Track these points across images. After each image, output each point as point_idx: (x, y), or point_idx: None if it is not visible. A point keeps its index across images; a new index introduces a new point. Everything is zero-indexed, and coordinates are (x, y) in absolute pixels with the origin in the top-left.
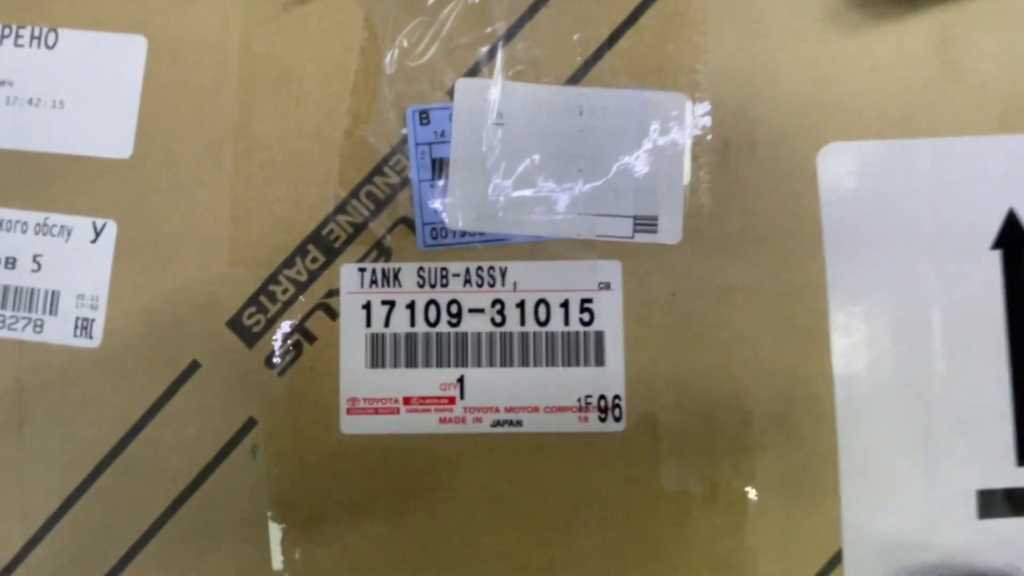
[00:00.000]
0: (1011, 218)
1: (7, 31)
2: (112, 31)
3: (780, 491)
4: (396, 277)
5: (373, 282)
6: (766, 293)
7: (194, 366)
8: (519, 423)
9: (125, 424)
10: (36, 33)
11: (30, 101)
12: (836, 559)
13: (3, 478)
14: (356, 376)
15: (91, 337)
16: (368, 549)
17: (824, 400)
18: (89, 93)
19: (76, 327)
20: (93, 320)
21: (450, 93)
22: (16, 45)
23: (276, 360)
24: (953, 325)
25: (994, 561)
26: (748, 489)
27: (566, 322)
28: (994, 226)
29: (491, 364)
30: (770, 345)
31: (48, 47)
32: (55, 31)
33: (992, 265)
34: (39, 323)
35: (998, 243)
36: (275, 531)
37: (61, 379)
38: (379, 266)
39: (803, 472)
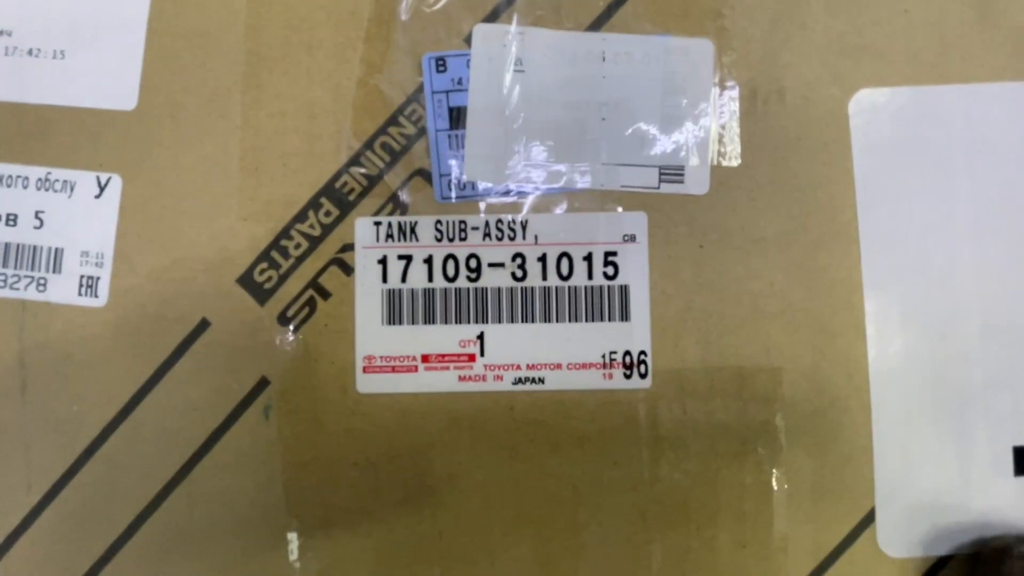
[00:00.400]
0: None
1: None
2: None
3: (811, 449)
4: (413, 231)
5: (389, 236)
6: (797, 244)
7: (203, 325)
8: (541, 380)
9: (132, 386)
10: None
11: (30, 51)
12: (869, 518)
13: (6, 443)
14: (372, 333)
15: (96, 296)
16: (385, 511)
17: (857, 356)
18: (91, 42)
19: (81, 286)
20: (98, 278)
21: (467, 40)
22: None
23: (289, 317)
24: (991, 277)
25: None
26: (778, 448)
27: (589, 276)
28: None
29: (512, 320)
30: (801, 299)
31: None
32: None
33: None
34: (42, 282)
35: None
36: (289, 494)
37: (65, 340)
38: (395, 219)
39: (835, 429)
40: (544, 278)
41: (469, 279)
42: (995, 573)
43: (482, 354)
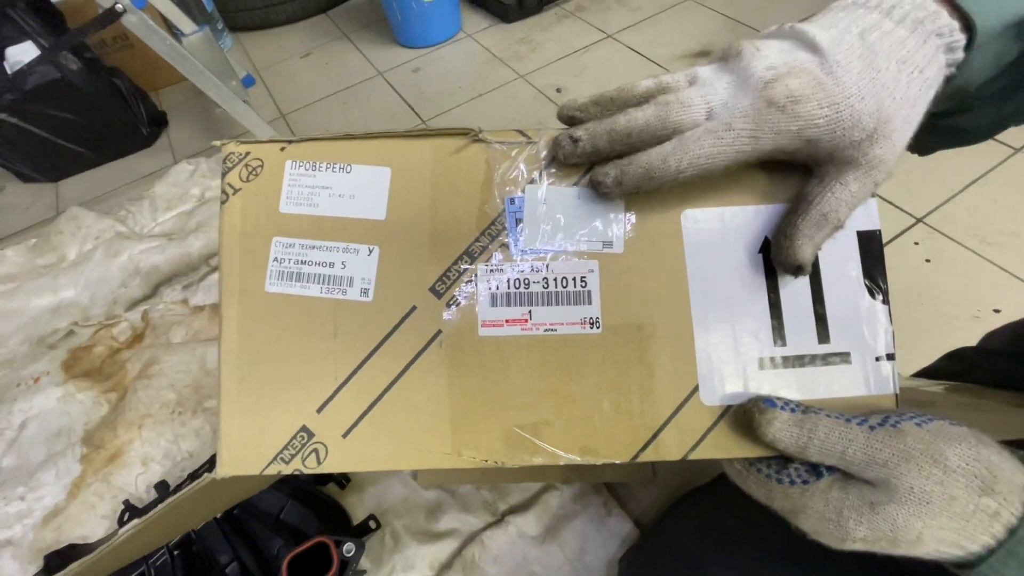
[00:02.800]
0: None
1: (324, 167)
2: (374, 165)
3: (666, 352)
4: (501, 270)
5: (490, 271)
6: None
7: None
8: (554, 329)
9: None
10: (337, 168)
11: (340, 196)
12: (695, 388)
13: (321, 366)
14: (486, 311)
15: (369, 297)
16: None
17: (684, 308)
18: (365, 192)
19: (361, 292)
20: (369, 288)
21: (523, 190)
22: (330, 171)
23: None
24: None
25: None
26: (648, 356)
27: (573, 285)
28: None
29: (545, 304)
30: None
31: (346, 173)
32: (350, 166)
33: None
34: (343, 291)
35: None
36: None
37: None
38: (491, 266)
39: (673, 345)
40: (554, 286)
41: (523, 286)
42: (748, 417)
43: (531, 317)
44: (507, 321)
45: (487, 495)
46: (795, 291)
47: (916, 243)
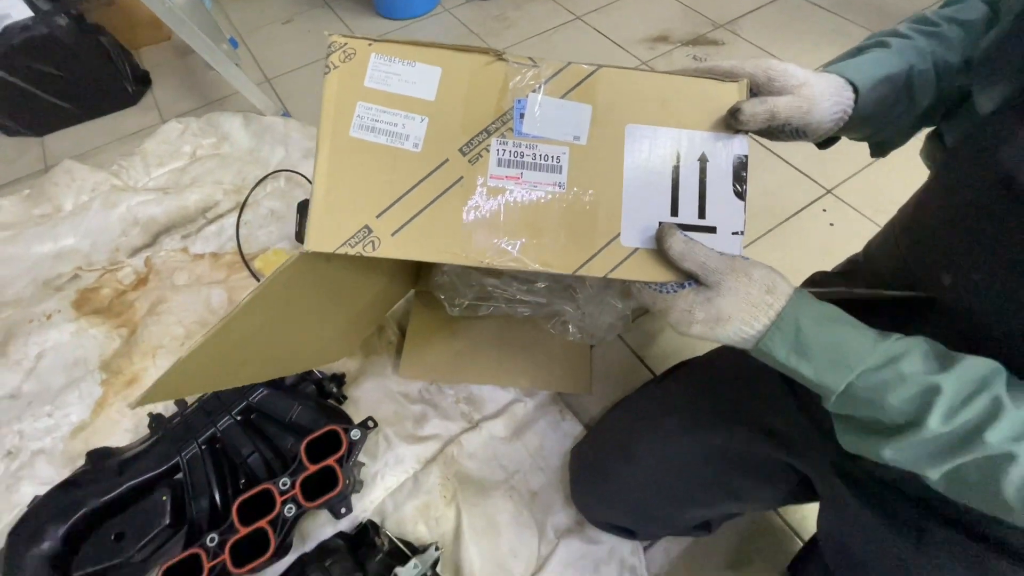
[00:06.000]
0: None
1: (396, 61)
2: (430, 64)
3: (607, 215)
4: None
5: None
6: None
7: None
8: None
9: None
10: (405, 63)
11: (405, 81)
12: (617, 234)
13: None
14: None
15: None
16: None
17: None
18: (422, 81)
19: None
20: None
21: (527, 96)
22: (400, 64)
23: None
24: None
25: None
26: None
27: None
28: None
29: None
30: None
31: (411, 67)
32: (414, 63)
33: None
34: (401, 143)
35: None
36: None
37: None
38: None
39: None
40: (538, 159)
41: (519, 156)
42: (660, 232)
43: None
44: (506, 177)
45: (464, 407)
46: (689, 185)
47: (824, 210)
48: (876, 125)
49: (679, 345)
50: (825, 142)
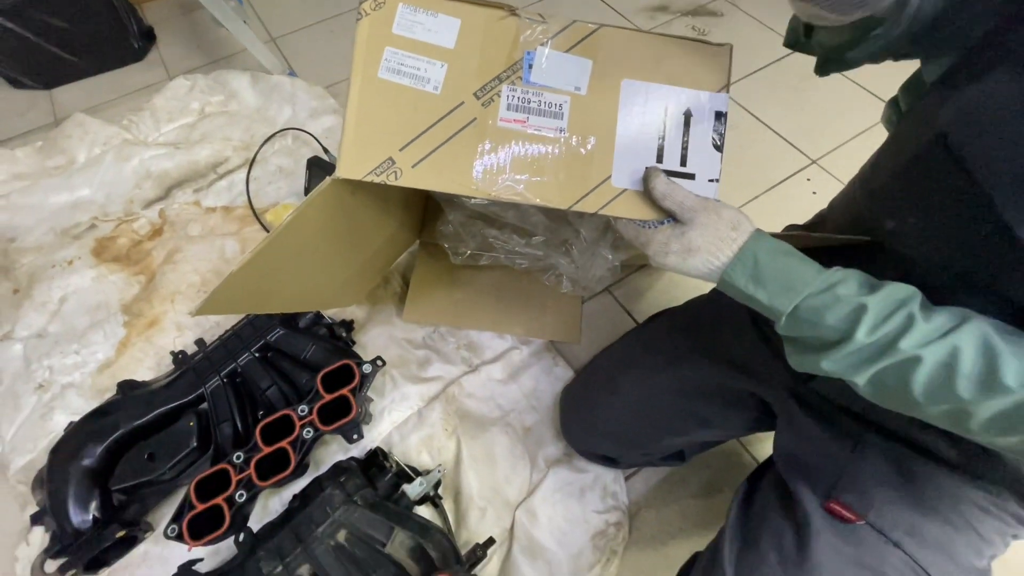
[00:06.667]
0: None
1: (421, 11)
2: (451, 16)
3: (599, 164)
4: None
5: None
6: None
7: None
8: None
9: None
10: (429, 13)
11: (428, 30)
12: (609, 176)
13: None
14: None
15: None
16: None
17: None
18: (444, 30)
19: None
20: None
21: (535, 49)
22: (424, 14)
23: None
24: None
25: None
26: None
27: None
28: None
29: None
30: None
31: (434, 17)
32: (437, 14)
33: None
34: (423, 85)
35: None
36: None
37: None
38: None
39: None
40: (543, 106)
41: (526, 102)
42: (647, 174)
43: (527, 121)
44: (514, 120)
45: (465, 353)
46: (674, 136)
47: (808, 179)
48: (864, 31)
49: (663, 301)
50: (826, 65)
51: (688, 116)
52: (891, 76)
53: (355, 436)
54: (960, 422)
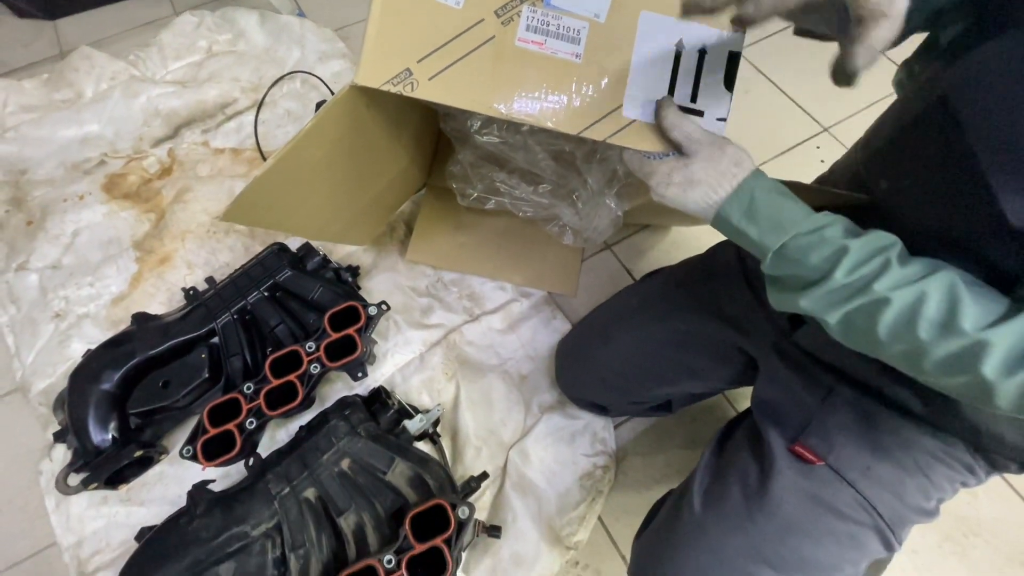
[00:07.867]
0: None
1: None
2: None
3: (609, 78)
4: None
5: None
6: None
7: None
8: None
9: None
10: None
11: None
12: (620, 105)
13: None
14: None
15: None
16: None
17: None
18: None
19: None
20: None
21: None
22: None
23: None
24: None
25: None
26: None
27: None
28: None
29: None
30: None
31: None
32: None
33: None
34: (446, 1)
35: None
36: None
37: None
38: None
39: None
40: (561, 31)
41: (545, 25)
42: (659, 104)
43: (544, 43)
44: (532, 42)
45: (467, 303)
46: (687, 71)
47: (818, 147)
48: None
49: (663, 260)
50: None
51: (703, 53)
52: (910, 43)
53: (359, 374)
54: (914, 363)
